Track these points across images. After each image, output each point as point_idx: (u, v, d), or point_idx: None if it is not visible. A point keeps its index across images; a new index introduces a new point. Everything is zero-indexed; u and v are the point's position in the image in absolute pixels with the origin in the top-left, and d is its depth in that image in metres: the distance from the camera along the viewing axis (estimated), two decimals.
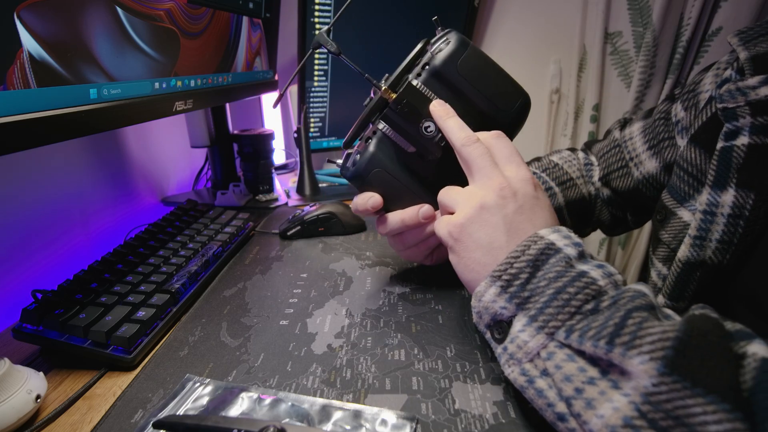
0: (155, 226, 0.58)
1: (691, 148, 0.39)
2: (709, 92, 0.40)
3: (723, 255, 0.34)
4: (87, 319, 0.38)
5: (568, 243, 0.30)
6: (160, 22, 0.50)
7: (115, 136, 0.71)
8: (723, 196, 0.34)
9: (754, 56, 0.34)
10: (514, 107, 0.41)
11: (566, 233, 0.31)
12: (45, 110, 0.36)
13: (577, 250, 0.30)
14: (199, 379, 0.35)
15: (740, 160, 0.33)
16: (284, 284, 0.50)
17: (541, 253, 0.29)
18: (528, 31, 1.07)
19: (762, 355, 0.21)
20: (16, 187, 0.53)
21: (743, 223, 0.33)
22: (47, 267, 0.57)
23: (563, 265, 0.29)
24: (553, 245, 0.30)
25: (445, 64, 0.40)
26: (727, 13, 0.85)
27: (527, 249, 0.30)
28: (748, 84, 0.33)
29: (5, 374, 0.31)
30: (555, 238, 0.30)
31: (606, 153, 0.55)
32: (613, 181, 0.53)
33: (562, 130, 1.11)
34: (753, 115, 0.33)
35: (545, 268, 0.29)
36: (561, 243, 0.30)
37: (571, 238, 0.31)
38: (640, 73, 0.94)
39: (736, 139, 0.33)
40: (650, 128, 0.49)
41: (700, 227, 0.35)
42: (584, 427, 0.24)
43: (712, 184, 0.35)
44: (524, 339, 0.28)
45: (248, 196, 0.82)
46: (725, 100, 0.35)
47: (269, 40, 0.82)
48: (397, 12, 0.90)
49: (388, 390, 0.34)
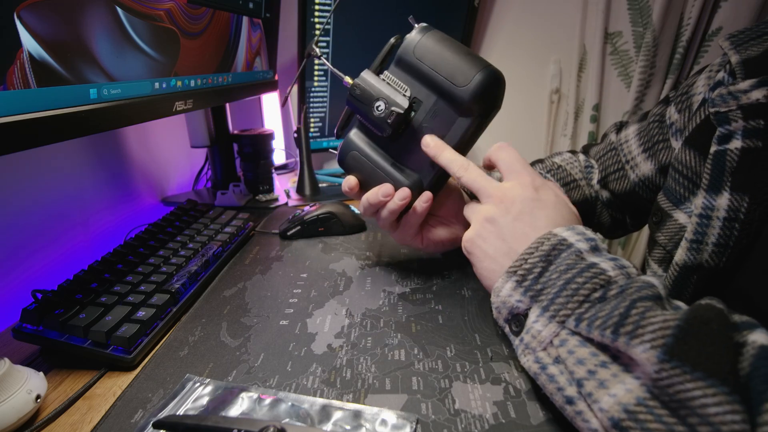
0: (155, 226, 0.58)
1: (686, 151, 0.39)
2: (702, 94, 0.41)
3: (719, 258, 0.34)
4: (87, 319, 0.38)
5: (580, 239, 0.32)
6: (160, 22, 0.50)
7: (115, 136, 0.71)
8: (718, 200, 0.34)
9: (745, 60, 0.35)
10: (471, 82, 0.41)
11: (581, 230, 0.33)
12: (45, 110, 0.36)
13: (589, 244, 0.31)
14: (199, 379, 0.35)
15: (734, 163, 0.33)
16: (284, 284, 0.50)
17: (554, 249, 0.31)
18: (528, 31, 1.07)
19: (761, 342, 0.22)
20: (16, 187, 0.53)
21: (738, 226, 0.33)
22: (47, 267, 0.57)
23: (574, 258, 0.30)
24: (565, 241, 0.32)
25: (403, 50, 0.43)
26: (727, 13, 0.85)
27: (540, 245, 0.32)
28: (740, 88, 0.34)
29: (5, 374, 0.31)
30: (568, 234, 0.32)
31: (603, 156, 0.56)
32: (611, 184, 0.54)
33: (562, 130, 1.11)
34: (745, 118, 0.33)
35: (557, 262, 0.31)
36: (573, 239, 0.32)
37: (584, 234, 0.32)
38: (640, 73, 0.94)
39: (729, 143, 0.34)
40: (645, 131, 0.50)
41: (696, 231, 0.35)
42: (594, 406, 0.25)
43: (707, 188, 0.35)
44: (538, 329, 0.30)
45: (248, 196, 0.82)
46: (717, 104, 0.35)
47: (269, 40, 0.82)
48: (397, 12, 0.90)
49: (388, 390, 0.34)
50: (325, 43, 0.85)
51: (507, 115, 1.16)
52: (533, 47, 1.07)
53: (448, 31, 0.44)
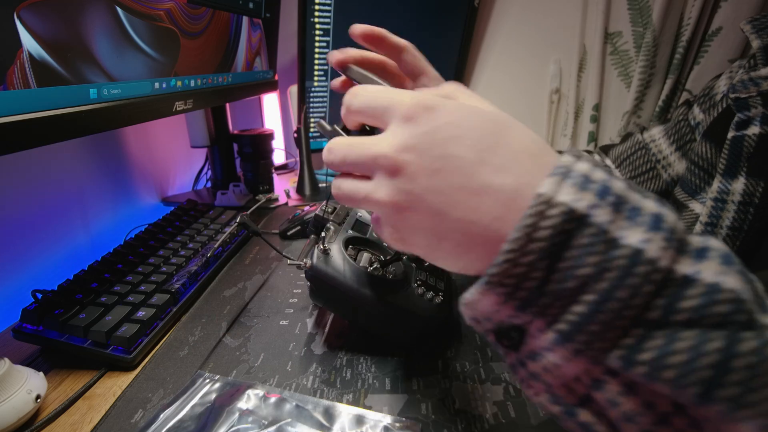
0: (155, 226, 0.58)
1: (704, 143, 0.40)
2: (724, 93, 0.41)
3: (733, 242, 0.34)
4: (87, 319, 0.38)
5: (590, 192, 0.17)
6: (160, 22, 0.50)
7: (115, 136, 0.71)
8: (734, 184, 0.34)
9: (766, 45, 0.35)
10: None
11: (582, 168, 0.18)
12: (45, 110, 0.36)
13: (609, 199, 0.17)
14: (208, 376, 0.35)
15: (751, 149, 0.33)
16: (284, 284, 0.50)
17: (557, 234, 0.17)
18: (528, 31, 1.07)
19: None
20: (17, 187, 0.53)
21: (753, 210, 0.33)
22: (47, 267, 0.57)
23: (601, 247, 0.17)
24: (572, 212, 0.17)
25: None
26: (727, 13, 0.85)
27: (533, 231, 0.17)
28: (761, 74, 0.34)
29: (5, 374, 0.31)
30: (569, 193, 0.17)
31: (630, 156, 0.53)
32: (640, 185, 0.51)
33: (562, 130, 1.11)
34: (765, 105, 0.33)
35: (570, 257, 0.17)
36: (583, 200, 0.17)
37: (591, 175, 0.18)
38: (640, 73, 0.94)
39: (747, 129, 0.34)
40: (673, 130, 0.49)
41: (711, 214, 0.36)
42: None
43: (723, 173, 0.35)
44: (554, 362, 0.18)
45: (248, 196, 0.82)
46: (738, 89, 0.35)
47: (269, 40, 0.82)
48: (397, 12, 0.90)
49: (388, 390, 0.34)
50: (325, 43, 0.85)
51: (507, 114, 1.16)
52: (533, 47, 1.07)
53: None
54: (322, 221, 0.43)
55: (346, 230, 0.41)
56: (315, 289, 0.38)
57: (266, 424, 0.30)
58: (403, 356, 0.37)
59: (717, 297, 0.16)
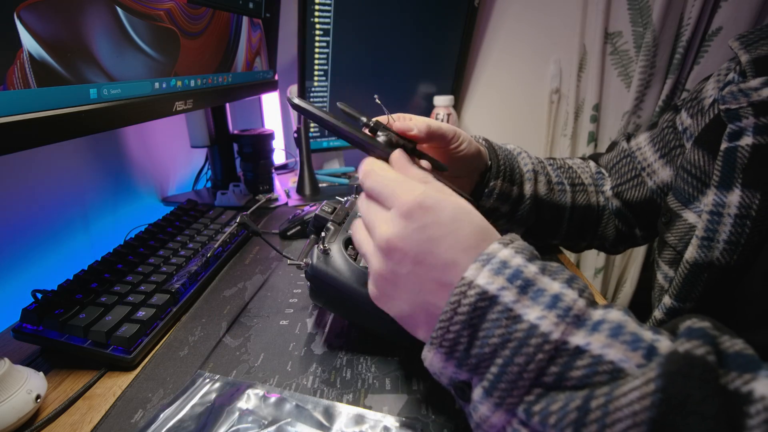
0: (155, 226, 0.58)
1: (695, 151, 0.39)
2: (712, 97, 0.41)
3: (730, 256, 0.34)
4: (87, 319, 0.38)
5: (500, 276, 0.23)
6: (160, 22, 0.50)
7: (115, 136, 0.71)
8: (729, 197, 0.34)
9: (755, 59, 0.35)
10: None
11: (495, 256, 0.24)
12: (45, 110, 0.36)
13: (515, 282, 0.23)
14: (208, 376, 0.35)
15: (745, 160, 0.33)
16: (284, 284, 0.50)
17: (474, 309, 0.23)
18: (528, 30, 1.06)
19: None
20: (17, 187, 0.53)
21: (750, 223, 0.33)
22: (47, 267, 0.57)
23: (504, 322, 0.22)
24: (484, 293, 0.23)
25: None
26: (727, 13, 0.85)
27: (458, 307, 0.23)
28: (750, 86, 0.34)
29: (5, 374, 0.31)
30: (484, 277, 0.23)
31: (617, 164, 0.54)
32: (626, 192, 0.52)
33: (562, 130, 1.11)
34: (756, 115, 0.33)
35: (484, 328, 0.23)
36: (493, 283, 0.23)
37: (503, 264, 0.24)
38: (640, 73, 0.94)
39: (740, 140, 0.34)
40: (658, 137, 0.49)
41: (707, 228, 0.35)
42: None
43: (717, 185, 0.35)
44: (485, 414, 0.23)
45: (248, 196, 0.82)
46: (728, 101, 0.35)
47: (269, 40, 0.82)
48: (397, 12, 0.90)
49: (388, 390, 0.34)
50: (325, 43, 0.85)
51: (507, 115, 1.16)
52: (533, 47, 1.07)
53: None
54: (322, 221, 0.43)
55: (346, 230, 0.41)
56: (315, 289, 0.38)
57: (266, 424, 0.30)
58: (403, 356, 0.37)
59: (598, 368, 0.20)
